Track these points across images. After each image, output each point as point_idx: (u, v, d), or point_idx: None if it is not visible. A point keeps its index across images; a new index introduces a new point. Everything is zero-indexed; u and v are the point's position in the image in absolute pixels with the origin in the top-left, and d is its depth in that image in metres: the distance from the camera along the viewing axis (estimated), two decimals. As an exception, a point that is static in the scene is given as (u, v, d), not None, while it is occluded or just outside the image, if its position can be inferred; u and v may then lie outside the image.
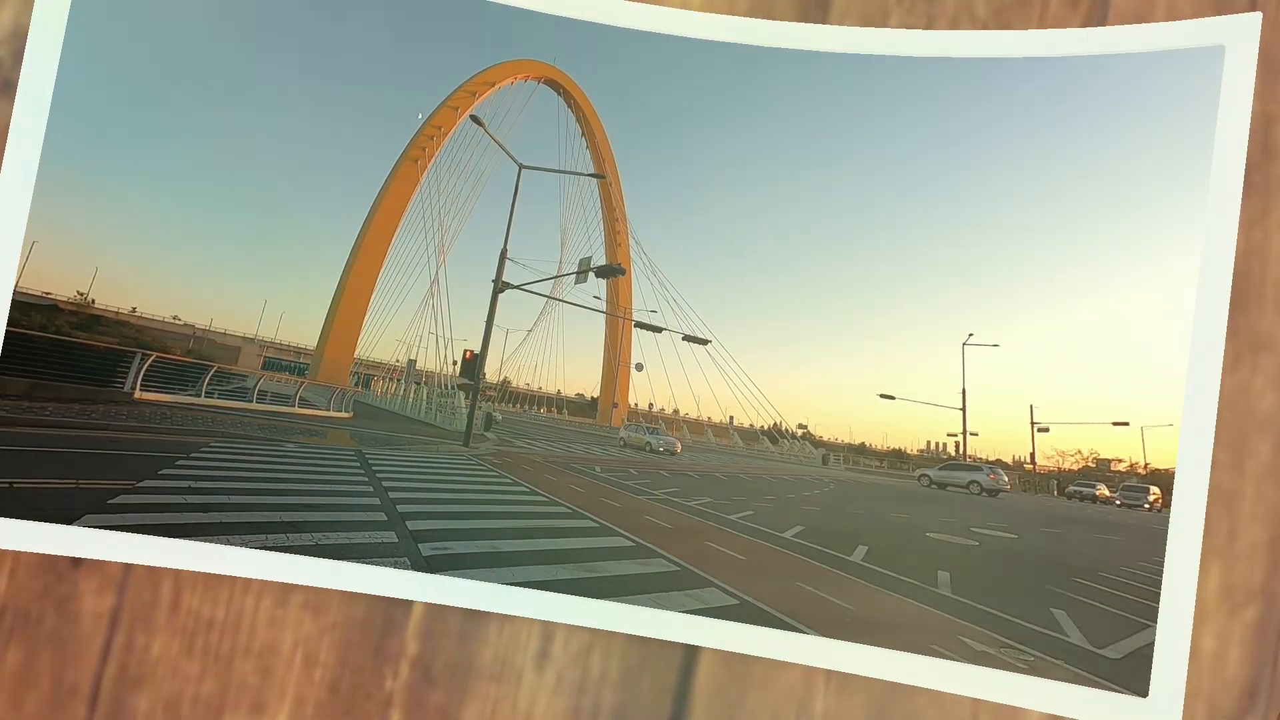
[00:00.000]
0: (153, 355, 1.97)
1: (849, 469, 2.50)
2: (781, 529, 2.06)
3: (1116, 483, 1.96)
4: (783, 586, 1.57)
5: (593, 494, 2.36)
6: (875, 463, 2.40)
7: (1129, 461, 1.83)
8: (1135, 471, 1.88)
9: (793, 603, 1.46)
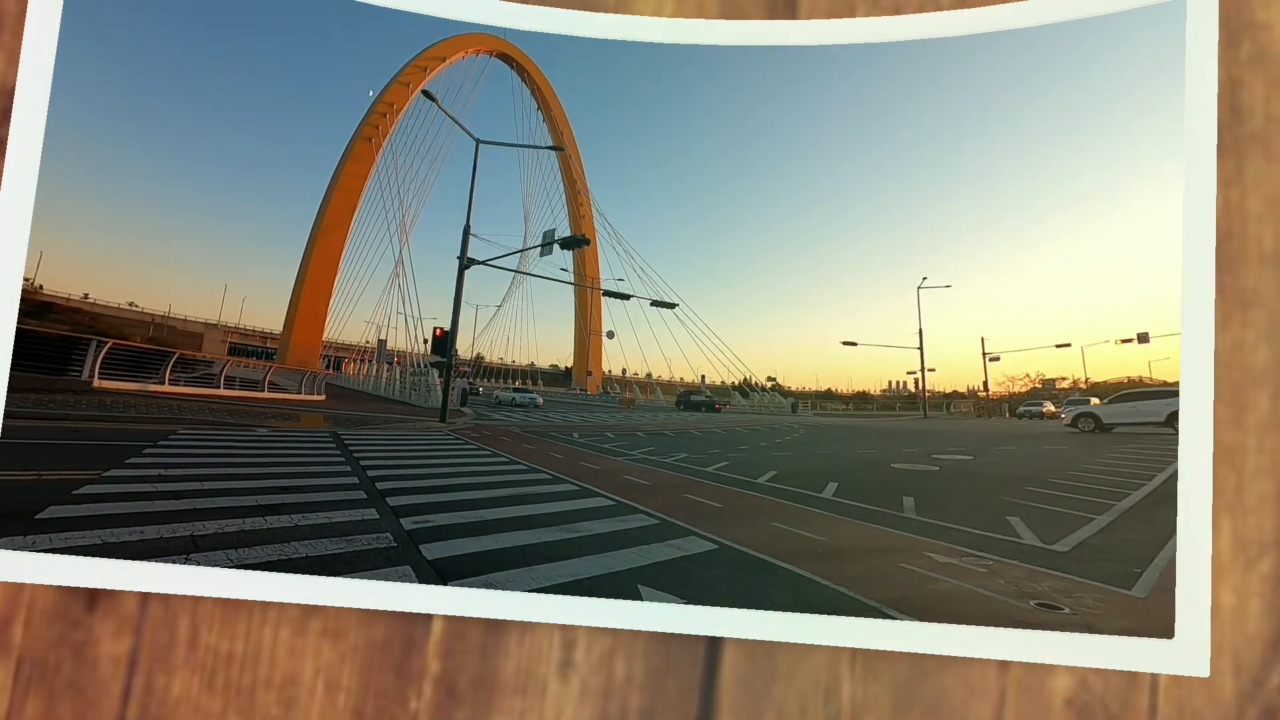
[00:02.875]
0: (109, 342, 1.86)
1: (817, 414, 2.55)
2: (756, 476, 2.09)
3: (1061, 399, 2.09)
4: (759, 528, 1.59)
5: (571, 459, 2.35)
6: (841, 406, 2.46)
7: (1071, 379, 1.97)
8: (1078, 387, 2.00)
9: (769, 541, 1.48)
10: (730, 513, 1.76)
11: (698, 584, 1.30)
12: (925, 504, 1.63)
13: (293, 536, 1.37)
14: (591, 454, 2.44)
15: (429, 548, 1.38)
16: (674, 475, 2.19)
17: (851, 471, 2.08)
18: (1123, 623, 1.13)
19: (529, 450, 2.47)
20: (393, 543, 1.41)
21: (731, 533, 1.50)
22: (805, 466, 2.28)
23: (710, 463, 2.24)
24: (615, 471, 2.22)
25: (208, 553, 1.26)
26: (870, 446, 2.35)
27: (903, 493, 1.68)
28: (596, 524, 1.61)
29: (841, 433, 2.50)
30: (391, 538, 1.44)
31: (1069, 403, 2.08)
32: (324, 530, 1.44)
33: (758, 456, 2.32)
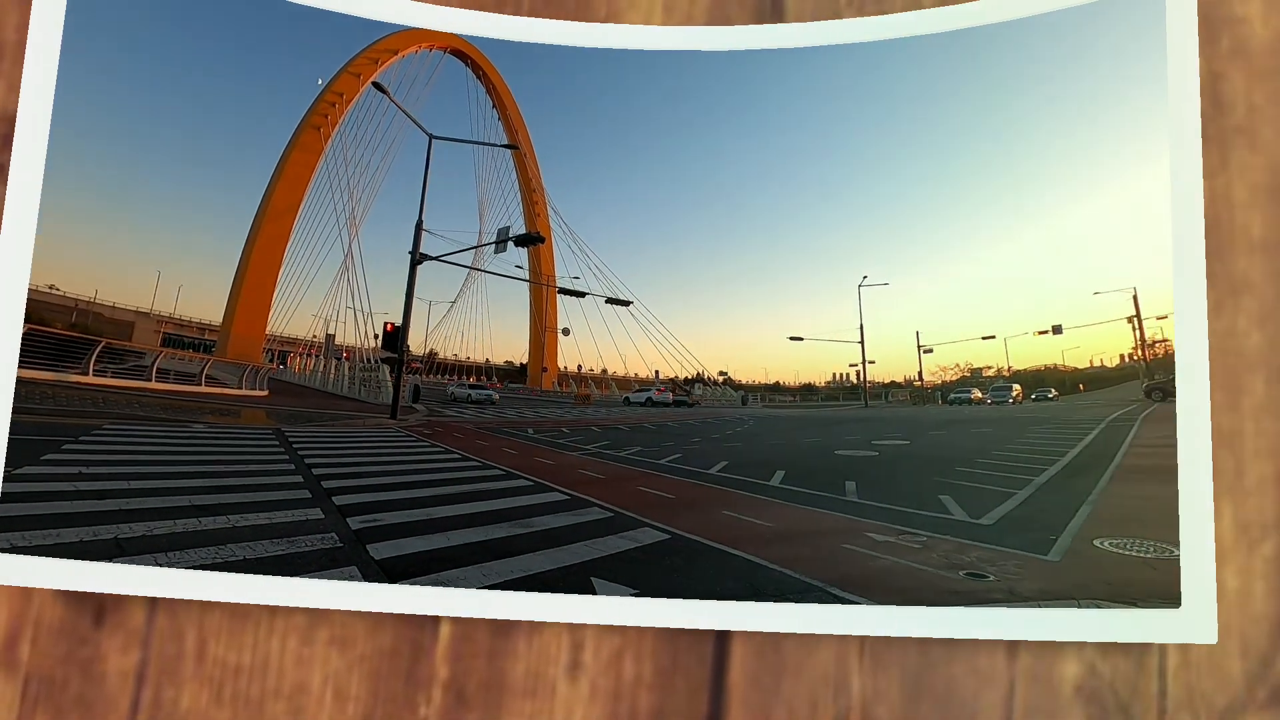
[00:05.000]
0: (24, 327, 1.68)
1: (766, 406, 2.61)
2: (708, 466, 2.10)
3: (987, 386, 2.23)
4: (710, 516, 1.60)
5: (526, 455, 2.31)
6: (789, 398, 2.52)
7: (995, 368, 2.11)
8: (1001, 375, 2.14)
9: (719, 529, 1.49)
10: (683, 503, 1.77)
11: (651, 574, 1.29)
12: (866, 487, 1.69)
13: (230, 538, 1.29)
14: (546, 449, 2.40)
15: (376, 547, 1.33)
16: (628, 469, 2.18)
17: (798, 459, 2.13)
18: (1039, 585, 1.20)
19: (483, 447, 2.41)
20: (338, 543, 1.34)
21: (683, 522, 1.50)
22: (755, 456, 2.30)
23: (664, 455, 2.25)
24: (570, 466, 2.19)
25: (135, 557, 1.17)
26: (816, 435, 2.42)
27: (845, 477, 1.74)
28: (550, 519, 1.58)
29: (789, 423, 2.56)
30: (337, 538, 1.37)
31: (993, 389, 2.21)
32: (264, 531, 1.36)
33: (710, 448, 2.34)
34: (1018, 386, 2.18)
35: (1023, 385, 2.17)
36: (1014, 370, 2.06)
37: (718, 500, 1.82)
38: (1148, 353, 1.78)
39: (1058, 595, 1.08)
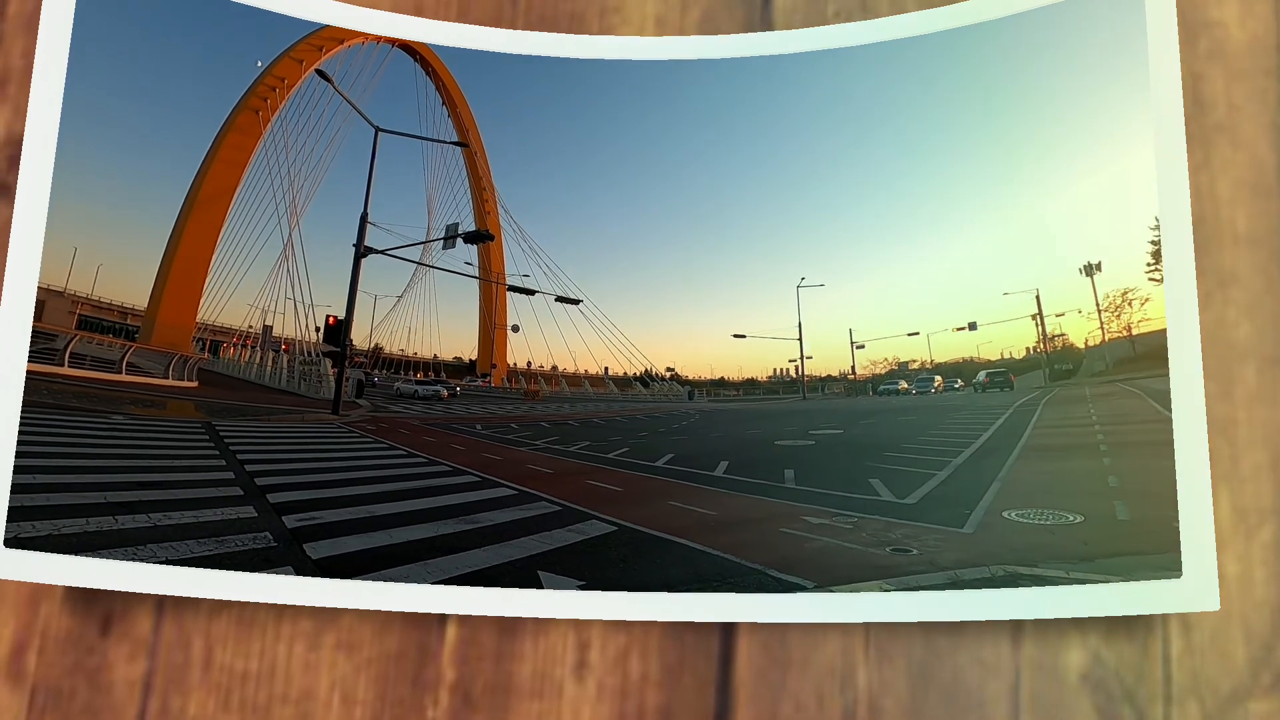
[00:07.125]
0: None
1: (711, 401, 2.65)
2: (654, 459, 2.11)
3: (913, 378, 2.38)
4: (656, 507, 1.61)
5: (474, 450, 2.26)
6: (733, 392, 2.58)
7: (919, 361, 2.25)
8: (924, 367, 2.28)
9: (665, 519, 1.50)
10: (629, 495, 1.77)
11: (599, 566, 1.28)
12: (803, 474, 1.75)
13: (150, 538, 1.19)
14: (495, 445, 2.35)
15: (314, 546, 1.26)
16: (576, 463, 2.16)
17: (740, 450, 2.17)
18: (956, 555, 1.26)
19: (429, 443, 2.34)
20: (272, 542, 1.26)
21: (630, 514, 1.50)
22: (699, 448, 2.35)
23: (612, 449, 2.25)
24: (518, 461, 2.15)
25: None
26: (757, 427, 2.47)
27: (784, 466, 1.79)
28: (497, 514, 1.55)
29: (733, 416, 2.61)
30: (271, 537, 1.29)
31: (918, 380, 2.36)
32: (189, 531, 1.26)
33: (657, 441, 2.35)
34: (939, 378, 2.34)
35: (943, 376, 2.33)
36: (935, 363, 2.18)
37: (663, 491, 1.84)
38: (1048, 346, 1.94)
39: (972, 563, 1.14)
